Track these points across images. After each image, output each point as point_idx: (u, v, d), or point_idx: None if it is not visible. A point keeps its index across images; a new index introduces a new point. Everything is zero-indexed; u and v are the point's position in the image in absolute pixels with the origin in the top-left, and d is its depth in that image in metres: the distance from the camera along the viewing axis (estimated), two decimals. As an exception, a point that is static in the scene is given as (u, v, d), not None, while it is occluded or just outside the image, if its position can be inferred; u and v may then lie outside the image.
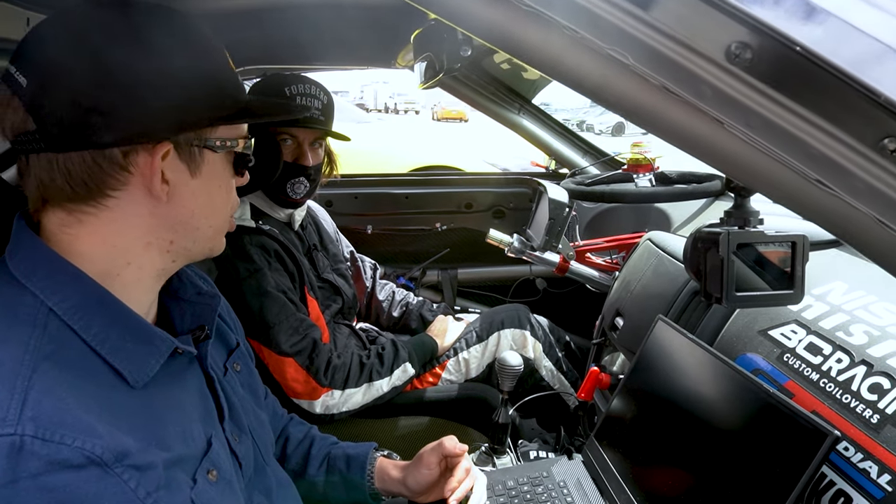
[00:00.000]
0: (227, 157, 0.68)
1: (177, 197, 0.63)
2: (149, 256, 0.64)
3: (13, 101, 0.57)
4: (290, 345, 1.37)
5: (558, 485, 1.11)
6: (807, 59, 0.34)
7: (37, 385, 0.51)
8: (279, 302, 1.38)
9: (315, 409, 1.41)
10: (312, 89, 1.45)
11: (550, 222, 1.65)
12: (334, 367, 1.42)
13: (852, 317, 0.90)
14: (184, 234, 0.66)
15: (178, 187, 0.63)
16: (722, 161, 0.42)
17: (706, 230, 0.68)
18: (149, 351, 0.62)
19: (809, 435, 0.73)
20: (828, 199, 0.38)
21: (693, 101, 0.39)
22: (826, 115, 0.36)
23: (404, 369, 1.52)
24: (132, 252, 0.63)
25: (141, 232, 0.63)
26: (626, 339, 1.38)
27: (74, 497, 0.50)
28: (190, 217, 0.65)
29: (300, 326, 1.39)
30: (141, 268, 0.64)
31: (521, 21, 0.42)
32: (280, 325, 1.37)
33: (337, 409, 1.43)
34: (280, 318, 1.37)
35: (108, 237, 0.61)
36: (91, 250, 0.61)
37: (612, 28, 0.39)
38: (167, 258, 0.67)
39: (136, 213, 0.62)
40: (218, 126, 0.65)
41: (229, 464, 0.72)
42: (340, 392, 1.42)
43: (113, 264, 0.62)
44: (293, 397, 1.40)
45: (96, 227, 0.61)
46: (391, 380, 1.50)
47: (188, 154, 0.63)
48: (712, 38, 0.37)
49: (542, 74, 2.18)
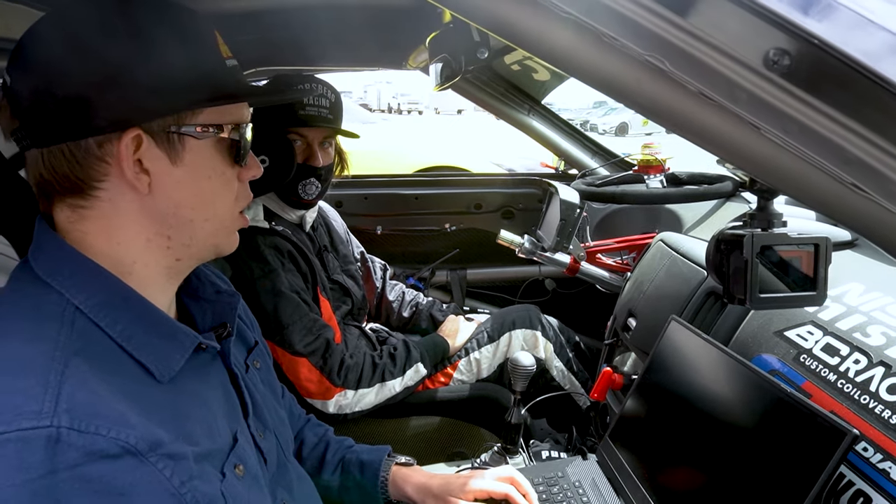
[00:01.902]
0: (217, 145, 0.65)
1: (160, 188, 0.62)
2: (151, 254, 0.65)
3: (3, 102, 0.60)
4: (304, 345, 1.38)
5: (573, 485, 1.12)
6: (846, 66, 0.35)
7: (69, 379, 0.52)
8: (293, 302, 1.39)
9: (328, 408, 1.42)
10: (320, 88, 1.46)
11: (561, 223, 1.66)
12: (347, 367, 1.43)
13: (869, 318, 0.90)
14: (178, 229, 0.65)
15: (160, 177, 0.61)
16: (756, 165, 0.42)
17: (730, 232, 0.69)
18: (173, 346, 0.63)
19: (828, 434, 0.74)
20: (863, 203, 0.39)
21: (729, 107, 0.40)
22: (864, 121, 0.37)
23: (416, 369, 1.53)
24: (135, 250, 0.63)
25: (136, 228, 0.63)
26: (638, 340, 1.38)
27: (112, 486, 0.50)
28: (176, 208, 0.63)
29: (313, 327, 1.40)
30: (147, 266, 0.65)
31: (558, 27, 0.43)
32: (294, 326, 1.38)
33: (350, 409, 1.44)
34: (294, 318, 1.38)
35: (111, 233, 0.62)
36: (102, 248, 0.62)
37: (650, 35, 0.40)
38: (170, 256, 0.66)
39: (127, 207, 0.61)
40: (198, 111, 0.63)
41: (255, 459, 0.73)
42: (353, 392, 1.43)
43: (123, 262, 0.63)
44: (306, 397, 1.41)
45: (97, 222, 0.61)
46: (404, 380, 1.51)
47: (166, 141, 0.61)
48: (750, 44, 0.37)
49: (557, 75, 2.19)
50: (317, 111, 1.43)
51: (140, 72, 0.58)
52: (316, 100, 1.44)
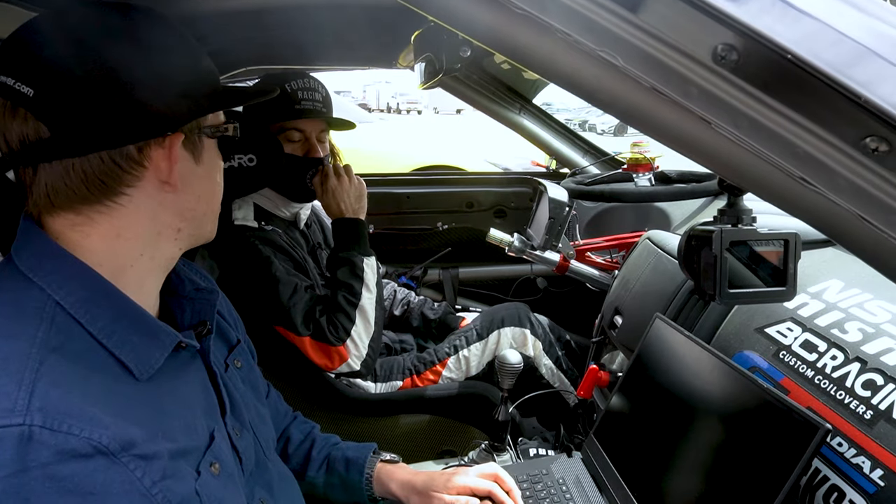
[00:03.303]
0: (217, 142, 0.71)
1: (186, 185, 0.66)
2: (160, 246, 0.67)
3: (18, 111, 0.57)
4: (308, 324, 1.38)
5: (557, 482, 1.12)
6: (791, 62, 0.35)
7: (44, 377, 0.52)
8: (290, 285, 1.38)
9: (355, 366, 1.40)
10: (312, 83, 1.48)
11: (551, 221, 1.66)
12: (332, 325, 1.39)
13: (847, 314, 0.91)
14: (190, 221, 0.69)
15: (187, 176, 0.66)
16: (711, 160, 0.43)
17: (700, 228, 0.69)
18: (153, 344, 0.64)
19: (802, 429, 0.74)
20: (813, 197, 0.39)
21: (682, 102, 0.40)
22: (810, 116, 0.37)
23: (363, 267, 1.44)
24: (145, 243, 0.65)
25: (152, 223, 0.65)
26: (624, 337, 1.39)
27: (82, 486, 0.50)
28: (196, 203, 0.68)
29: (309, 308, 1.40)
30: (153, 258, 0.66)
31: (515, 23, 0.43)
32: (295, 307, 1.38)
33: (364, 351, 1.41)
34: (294, 300, 1.38)
35: (123, 231, 0.63)
36: (104, 246, 0.62)
37: (602, 31, 0.40)
38: (175, 246, 0.69)
39: (148, 205, 0.63)
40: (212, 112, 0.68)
41: (231, 458, 0.73)
42: (349, 339, 1.40)
43: (126, 257, 0.64)
44: (330, 372, 1.41)
45: (109, 223, 0.62)
46: (364, 283, 1.43)
47: (192, 142, 0.66)
48: (699, 40, 0.38)
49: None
50: (311, 105, 1.45)
51: (177, 75, 0.63)
52: (309, 94, 1.45)
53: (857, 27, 0.35)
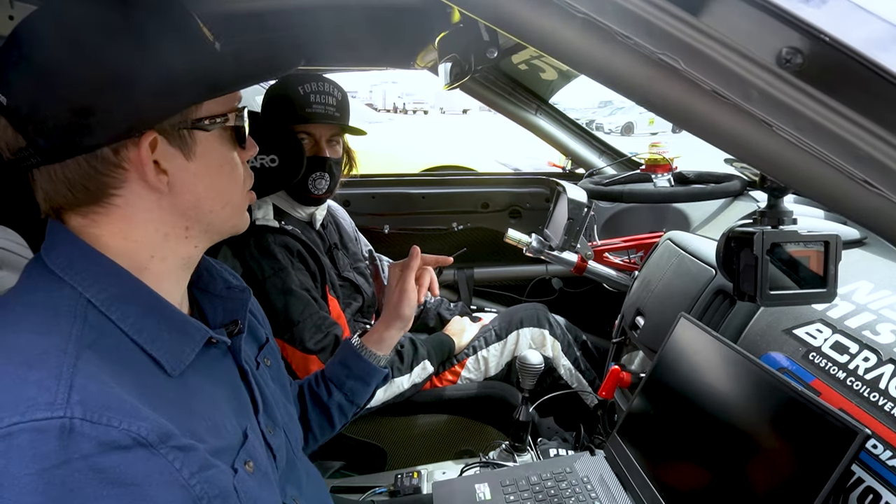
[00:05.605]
0: (223, 134, 0.67)
1: (179, 184, 0.63)
2: (169, 246, 0.65)
3: (1, 119, 0.58)
4: (314, 342, 1.39)
5: (582, 480, 1.13)
6: (858, 63, 0.35)
7: (81, 371, 0.52)
8: (303, 300, 1.40)
9: None
10: (326, 86, 1.47)
11: (569, 222, 1.66)
12: None
13: (878, 316, 0.90)
14: (197, 220, 0.66)
15: (177, 174, 0.63)
16: (769, 163, 0.43)
17: (739, 229, 0.69)
18: (184, 340, 0.64)
19: (839, 433, 0.74)
20: (875, 200, 0.39)
21: (742, 105, 0.40)
22: (874, 118, 0.37)
23: (423, 367, 1.54)
24: (153, 245, 0.64)
25: (155, 224, 0.64)
26: (647, 338, 1.39)
27: (124, 477, 0.51)
28: (197, 202, 0.65)
29: (323, 324, 1.41)
30: (164, 259, 0.65)
31: (572, 27, 0.43)
32: (304, 323, 1.39)
33: None
34: (304, 315, 1.39)
35: (128, 233, 0.63)
36: (116, 247, 0.62)
37: (663, 34, 0.40)
38: (188, 245, 0.67)
39: (144, 207, 0.62)
40: (201, 104, 0.63)
41: (265, 456, 0.73)
42: None
43: (139, 258, 0.63)
44: None
45: (112, 225, 0.62)
46: (411, 377, 1.51)
47: (178, 139, 0.62)
48: (763, 43, 0.38)
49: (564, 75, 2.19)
50: (323, 109, 1.45)
51: (146, 72, 0.58)
52: (322, 97, 1.45)
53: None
